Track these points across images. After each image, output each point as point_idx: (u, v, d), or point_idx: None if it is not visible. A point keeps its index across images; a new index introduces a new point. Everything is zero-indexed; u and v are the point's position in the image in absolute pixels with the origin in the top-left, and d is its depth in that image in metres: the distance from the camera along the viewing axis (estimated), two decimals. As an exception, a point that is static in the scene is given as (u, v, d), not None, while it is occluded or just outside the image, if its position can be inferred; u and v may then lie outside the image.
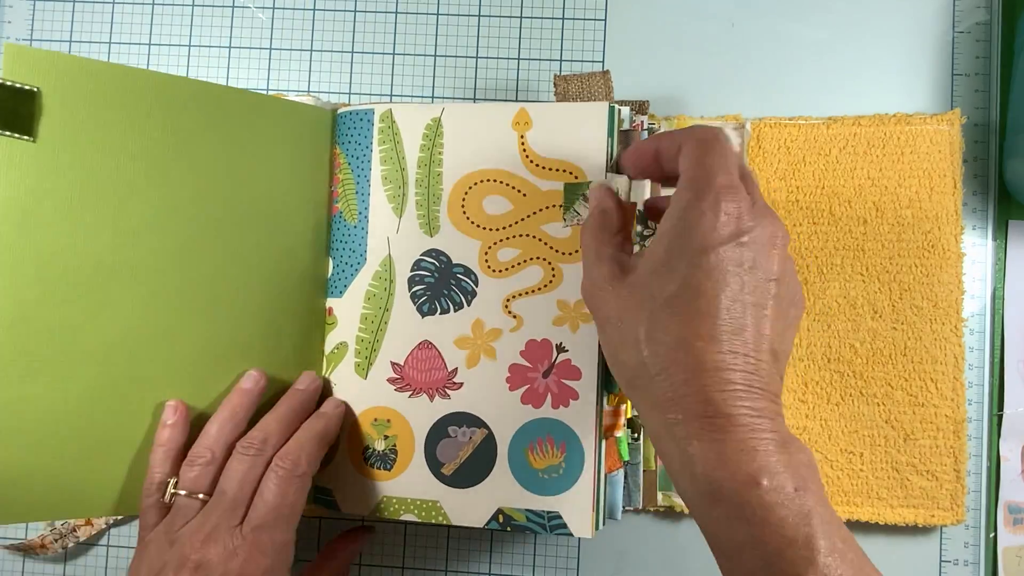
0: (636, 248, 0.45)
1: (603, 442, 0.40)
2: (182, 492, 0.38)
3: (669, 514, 0.49)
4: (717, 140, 0.32)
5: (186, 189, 0.40)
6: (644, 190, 0.44)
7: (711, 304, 0.29)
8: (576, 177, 0.40)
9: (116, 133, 0.38)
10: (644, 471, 0.46)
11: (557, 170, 0.41)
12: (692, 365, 0.29)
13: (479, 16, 0.52)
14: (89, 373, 0.38)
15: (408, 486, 0.42)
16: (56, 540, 0.49)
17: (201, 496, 0.38)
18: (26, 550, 0.50)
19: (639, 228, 0.46)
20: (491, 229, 0.41)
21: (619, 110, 0.41)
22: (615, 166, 0.40)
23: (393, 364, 0.42)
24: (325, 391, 0.44)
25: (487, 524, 0.41)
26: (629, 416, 0.43)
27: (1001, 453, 0.48)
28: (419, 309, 0.42)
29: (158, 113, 0.39)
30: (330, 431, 0.41)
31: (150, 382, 0.40)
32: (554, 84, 0.44)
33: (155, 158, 0.39)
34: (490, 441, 0.41)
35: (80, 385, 0.38)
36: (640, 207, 0.44)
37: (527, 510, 0.40)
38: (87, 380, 0.38)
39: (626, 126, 0.42)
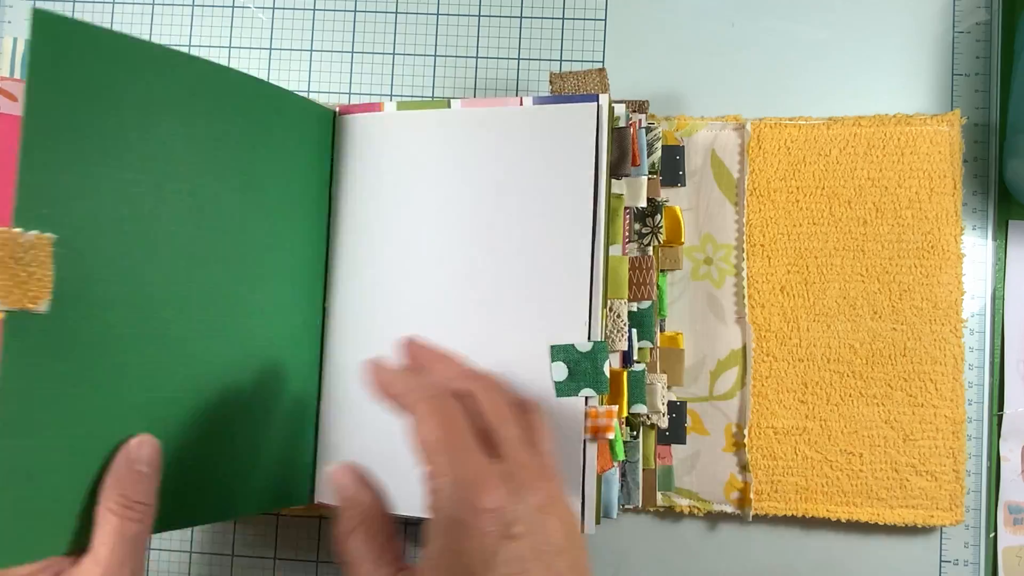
0: (634, 247, 0.45)
1: (593, 444, 0.40)
2: None
3: (669, 514, 0.49)
4: (438, 414, 0.30)
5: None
6: (642, 187, 0.44)
7: None
8: None
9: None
10: (643, 469, 0.46)
11: None
12: None
13: (479, 16, 0.52)
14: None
15: None
16: None
17: None
18: None
19: (637, 227, 0.46)
20: None
21: (612, 107, 0.41)
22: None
23: None
24: None
25: None
26: (626, 415, 0.43)
27: (1001, 453, 0.48)
28: None
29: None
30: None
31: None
32: (550, 81, 0.44)
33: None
34: None
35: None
36: (641, 203, 0.44)
37: None
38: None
39: (622, 123, 0.42)
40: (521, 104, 0.42)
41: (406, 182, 0.43)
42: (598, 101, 0.40)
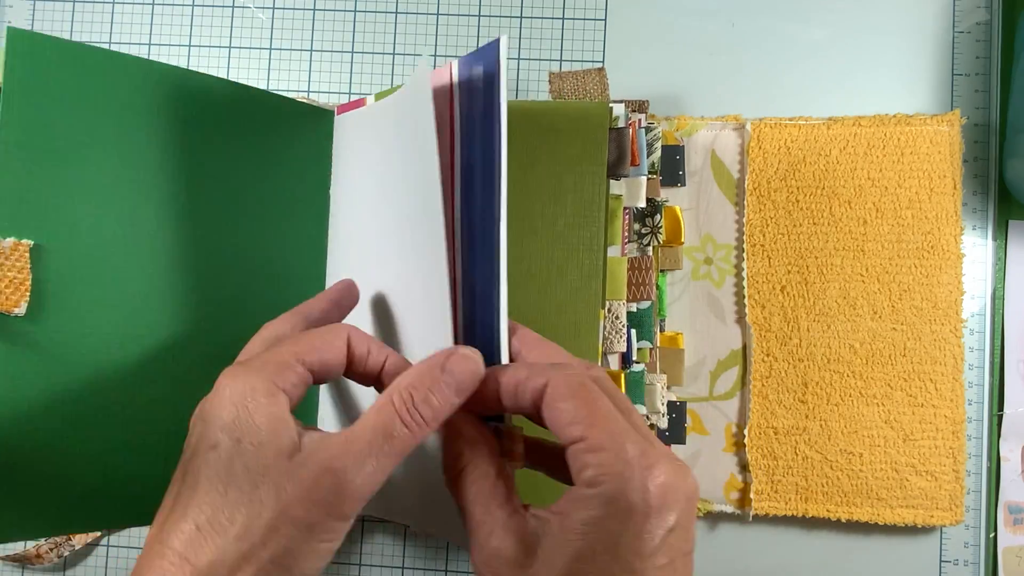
0: (633, 247, 0.45)
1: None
2: None
3: (668, 514, 0.49)
4: (593, 387, 0.28)
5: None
6: (641, 187, 0.43)
7: None
8: None
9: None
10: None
11: None
12: None
13: (479, 16, 0.52)
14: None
15: None
16: (51, 550, 0.49)
17: None
18: (22, 561, 0.50)
19: (637, 227, 0.46)
20: None
21: (611, 107, 0.41)
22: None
23: None
24: None
25: None
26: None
27: (1001, 453, 0.48)
28: None
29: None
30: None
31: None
32: (549, 81, 0.44)
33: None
34: None
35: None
36: (641, 203, 0.44)
37: None
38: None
39: (621, 124, 0.42)
40: (450, 71, 0.35)
41: (381, 174, 0.41)
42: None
